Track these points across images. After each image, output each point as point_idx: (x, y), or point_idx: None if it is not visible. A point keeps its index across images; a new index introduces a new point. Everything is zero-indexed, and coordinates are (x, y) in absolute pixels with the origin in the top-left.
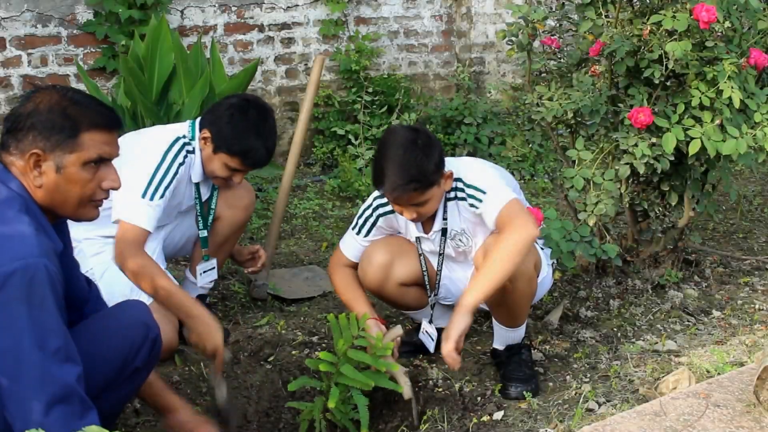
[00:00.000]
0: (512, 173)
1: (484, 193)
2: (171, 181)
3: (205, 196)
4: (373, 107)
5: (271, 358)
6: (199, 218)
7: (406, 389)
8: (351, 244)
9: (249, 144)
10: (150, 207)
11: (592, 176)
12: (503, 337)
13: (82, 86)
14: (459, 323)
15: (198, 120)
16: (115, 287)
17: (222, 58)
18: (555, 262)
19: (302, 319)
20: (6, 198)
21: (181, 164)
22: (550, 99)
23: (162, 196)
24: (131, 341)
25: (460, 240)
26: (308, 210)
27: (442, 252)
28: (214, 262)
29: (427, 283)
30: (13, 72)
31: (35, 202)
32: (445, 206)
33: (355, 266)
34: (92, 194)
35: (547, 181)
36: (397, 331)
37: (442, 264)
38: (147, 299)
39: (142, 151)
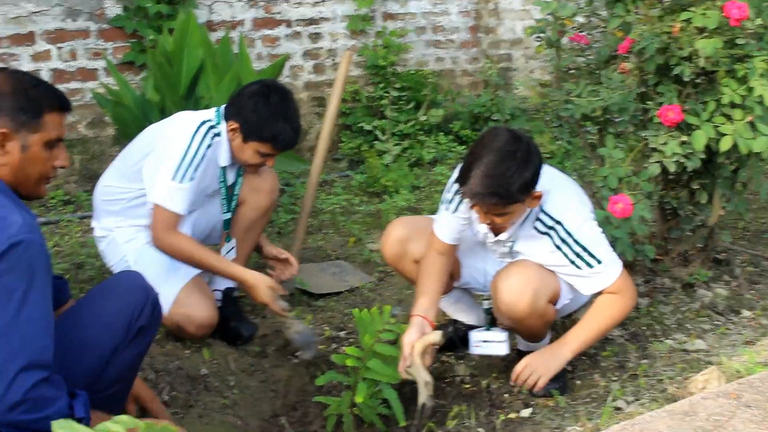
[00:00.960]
0: None
1: (599, 262)
2: (200, 163)
3: (230, 180)
4: (400, 103)
5: (298, 353)
6: (224, 201)
7: (421, 398)
8: (441, 223)
9: (278, 128)
10: (181, 190)
11: (625, 176)
12: (526, 345)
13: (111, 80)
14: (557, 366)
15: (223, 107)
16: (149, 270)
17: (250, 53)
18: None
19: (330, 314)
20: None
21: (208, 146)
22: (579, 96)
23: (192, 179)
24: (134, 302)
25: (511, 250)
26: (335, 205)
27: (487, 256)
28: (234, 242)
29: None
30: (43, 66)
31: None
32: (522, 225)
33: (449, 249)
34: (47, 172)
35: (576, 178)
36: (434, 337)
37: (483, 261)
38: (182, 284)
39: (170, 136)
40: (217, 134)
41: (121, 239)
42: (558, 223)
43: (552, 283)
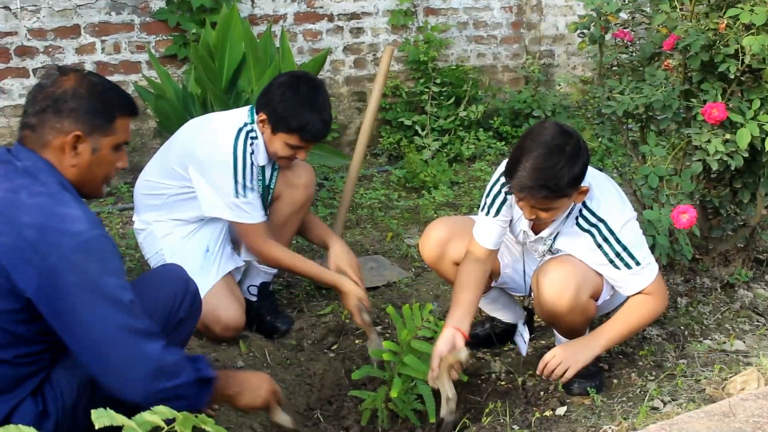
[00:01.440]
0: None
1: (637, 264)
2: (252, 172)
3: (267, 178)
4: (440, 98)
5: (334, 347)
6: (262, 200)
7: (442, 412)
8: (481, 228)
9: (305, 119)
10: (248, 203)
11: (667, 175)
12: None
13: (153, 73)
14: (587, 357)
15: (255, 103)
16: (184, 264)
17: (291, 47)
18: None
19: None
20: (46, 177)
21: (252, 153)
22: (621, 93)
23: (253, 189)
24: (173, 294)
25: (549, 250)
26: (374, 200)
27: (523, 251)
28: None
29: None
30: (87, 59)
31: (65, 179)
32: (565, 222)
33: (489, 255)
34: (111, 174)
35: (616, 175)
36: (462, 356)
37: (522, 262)
38: (213, 281)
39: (210, 150)
40: (254, 136)
41: (159, 233)
42: (601, 221)
43: (594, 278)
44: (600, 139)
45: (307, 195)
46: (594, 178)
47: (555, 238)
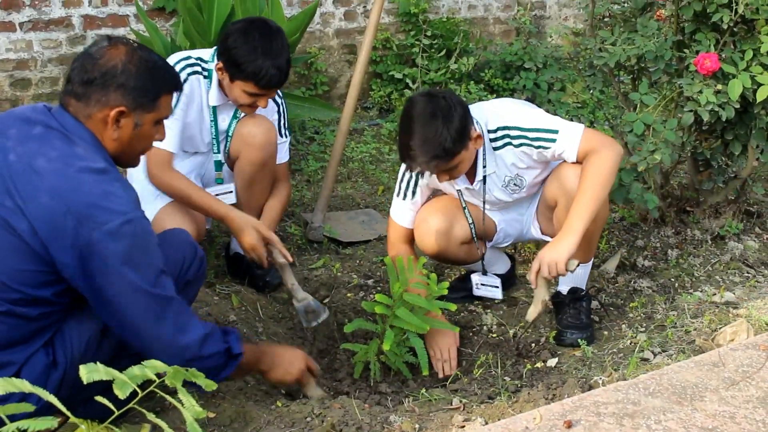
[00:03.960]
0: (571, 119)
1: (555, 132)
2: (177, 100)
3: (223, 122)
4: (431, 51)
5: (326, 300)
6: (214, 141)
7: (531, 312)
8: (401, 211)
9: (257, 65)
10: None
11: (653, 123)
12: (571, 275)
13: (141, 26)
14: (568, 244)
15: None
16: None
17: None
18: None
19: (358, 262)
20: (93, 152)
21: (184, 80)
22: (613, 44)
23: (172, 113)
24: (183, 256)
25: (514, 185)
26: (365, 153)
27: (484, 200)
28: (231, 186)
29: (474, 234)
30: (74, 12)
31: (106, 151)
32: (485, 156)
33: (411, 235)
34: (149, 147)
35: (607, 128)
36: (571, 266)
37: (485, 211)
38: (161, 204)
39: None
40: (200, 73)
41: None
42: (502, 128)
43: None
44: (591, 91)
45: (264, 155)
46: (503, 108)
47: (486, 177)
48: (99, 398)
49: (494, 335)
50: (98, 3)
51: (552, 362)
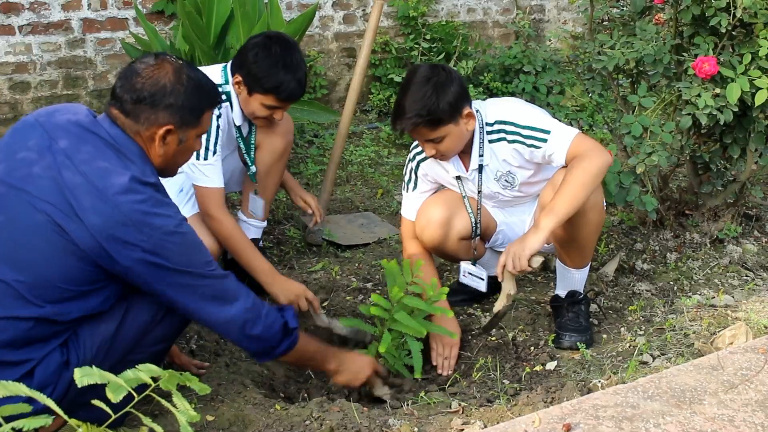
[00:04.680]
0: (570, 123)
1: (547, 132)
2: (217, 137)
3: (245, 132)
4: (430, 54)
5: (325, 304)
6: (246, 156)
7: (498, 305)
8: (407, 204)
9: (279, 79)
10: (209, 166)
11: (651, 125)
12: (567, 279)
13: (140, 30)
14: (534, 241)
15: (230, 64)
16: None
17: (279, 2)
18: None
19: (357, 265)
20: (142, 164)
21: (218, 117)
22: (612, 48)
23: (215, 153)
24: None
25: (506, 180)
26: (364, 157)
27: (480, 189)
28: (261, 202)
29: (474, 228)
30: (73, 15)
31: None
32: (481, 145)
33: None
34: (189, 159)
35: (606, 131)
36: (535, 263)
37: (480, 201)
38: (188, 215)
39: None
40: (226, 98)
41: None
42: (499, 122)
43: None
44: (590, 95)
45: (287, 142)
46: (507, 104)
47: (482, 166)
48: (96, 402)
49: (493, 338)
50: (97, 6)
51: (551, 365)
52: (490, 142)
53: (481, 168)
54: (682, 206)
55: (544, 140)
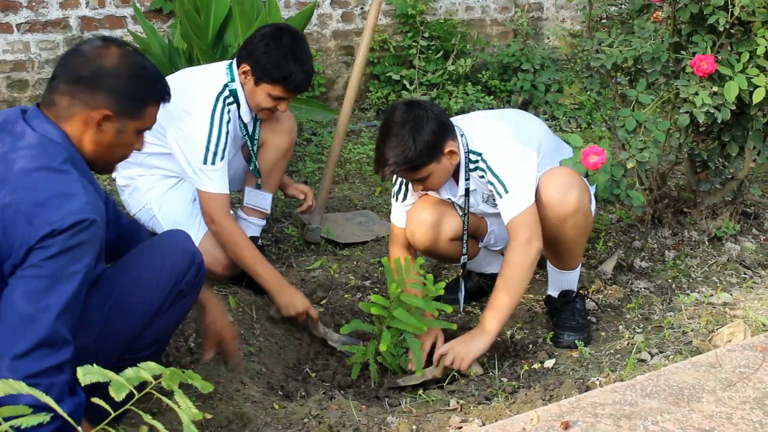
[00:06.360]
0: (568, 121)
1: (506, 191)
2: (226, 142)
3: (251, 129)
4: (428, 52)
5: (323, 302)
6: (251, 153)
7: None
8: (396, 213)
9: (288, 69)
10: (215, 171)
11: (645, 121)
12: (558, 281)
13: (138, 28)
14: (481, 344)
15: (235, 59)
16: (172, 216)
17: (278, 0)
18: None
19: (355, 263)
20: (53, 149)
21: (228, 122)
22: (610, 46)
23: (222, 158)
24: (179, 265)
25: (494, 201)
26: (362, 155)
27: (466, 212)
28: (269, 196)
29: (465, 229)
30: (71, 13)
31: (78, 153)
32: (467, 172)
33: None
34: (127, 155)
35: (605, 129)
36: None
37: (467, 224)
38: (206, 227)
39: (189, 117)
40: (233, 100)
41: (144, 187)
42: (476, 153)
43: (586, 184)
44: (589, 93)
45: (290, 140)
46: (485, 130)
47: (468, 189)
48: (95, 400)
49: None
50: (95, 4)
51: (549, 363)
52: (469, 170)
53: (467, 192)
54: (681, 204)
55: (500, 195)
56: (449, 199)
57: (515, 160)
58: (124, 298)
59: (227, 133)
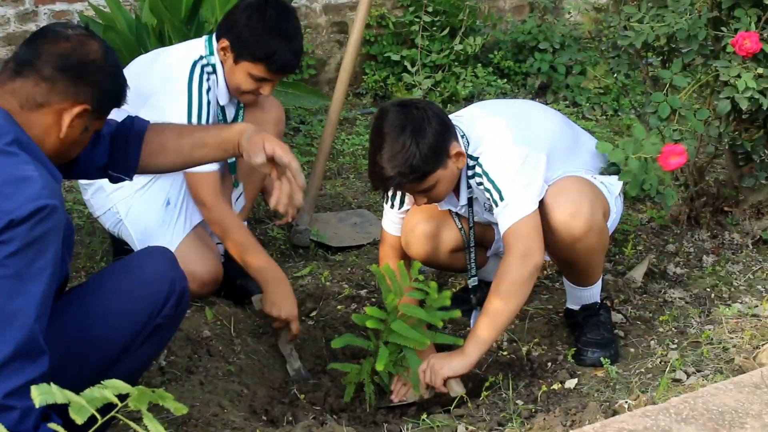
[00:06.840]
0: (592, 108)
1: (502, 199)
2: (208, 113)
3: (230, 117)
4: (432, 29)
5: (313, 314)
6: None
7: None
8: (390, 220)
9: (272, 46)
10: None
11: (680, 107)
12: (577, 297)
13: (101, 1)
14: (458, 364)
15: (214, 34)
16: (142, 223)
17: None
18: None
19: (349, 269)
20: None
21: (208, 90)
22: (640, 21)
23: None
24: (155, 296)
25: (495, 206)
26: (357, 146)
27: (471, 225)
28: (241, 187)
29: (466, 241)
30: None
31: (26, 134)
32: (468, 182)
33: (402, 246)
34: (78, 154)
35: (633, 117)
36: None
37: (473, 235)
38: (181, 236)
39: (163, 88)
40: (211, 71)
41: (109, 188)
42: (476, 159)
43: (600, 194)
44: (615, 75)
45: (278, 132)
46: (484, 129)
47: (472, 198)
48: (52, 425)
49: (505, 353)
50: None
51: (571, 383)
52: (469, 177)
53: (470, 201)
54: (720, 202)
55: (496, 204)
56: (450, 209)
57: (513, 165)
58: (87, 329)
59: (209, 103)
